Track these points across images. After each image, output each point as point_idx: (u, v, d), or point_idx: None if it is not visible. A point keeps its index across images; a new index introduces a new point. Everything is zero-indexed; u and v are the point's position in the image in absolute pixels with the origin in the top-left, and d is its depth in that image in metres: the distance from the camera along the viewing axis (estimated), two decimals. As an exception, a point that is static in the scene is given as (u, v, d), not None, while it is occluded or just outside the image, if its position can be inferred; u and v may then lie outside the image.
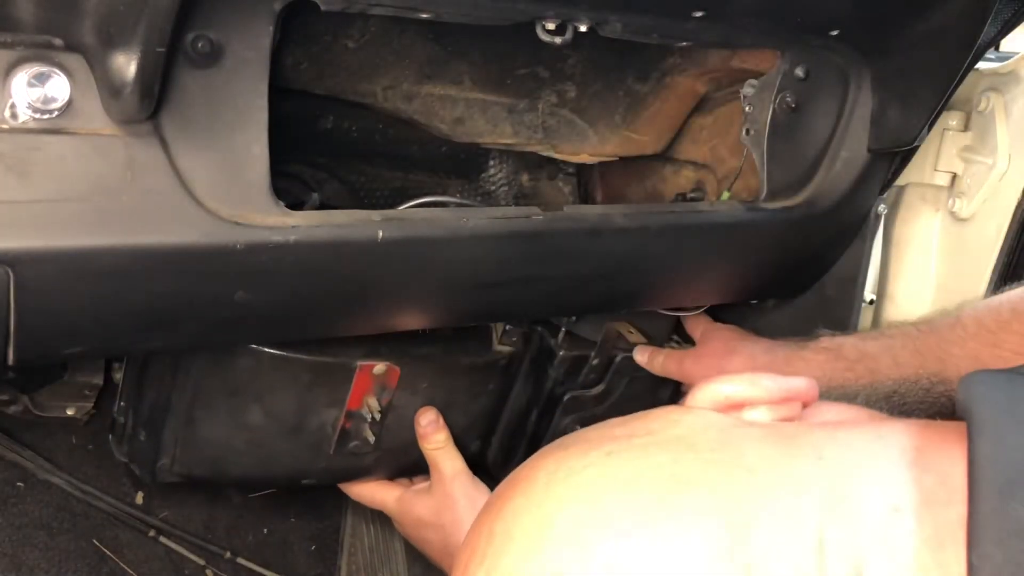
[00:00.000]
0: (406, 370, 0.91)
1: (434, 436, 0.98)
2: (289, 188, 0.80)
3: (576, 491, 0.37)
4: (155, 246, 0.59)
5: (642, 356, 1.02)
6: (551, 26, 0.67)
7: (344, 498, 1.12)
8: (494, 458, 1.08)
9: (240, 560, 1.07)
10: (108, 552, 1.01)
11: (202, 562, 1.06)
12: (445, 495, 0.98)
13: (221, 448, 0.90)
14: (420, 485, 1.02)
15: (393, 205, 0.75)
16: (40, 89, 0.54)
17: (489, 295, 0.80)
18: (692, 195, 0.95)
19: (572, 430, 1.04)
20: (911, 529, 0.31)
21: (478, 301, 0.81)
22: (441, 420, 0.99)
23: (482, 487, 0.99)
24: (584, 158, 0.91)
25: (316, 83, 0.75)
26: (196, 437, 0.89)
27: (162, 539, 1.05)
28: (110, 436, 0.96)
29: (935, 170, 0.92)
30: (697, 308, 1.01)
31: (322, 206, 0.76)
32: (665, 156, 0.97)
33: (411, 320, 0.81)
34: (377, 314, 0.78)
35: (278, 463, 0.94)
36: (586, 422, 1.06)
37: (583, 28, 0.68)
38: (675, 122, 0.92)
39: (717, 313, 1.03)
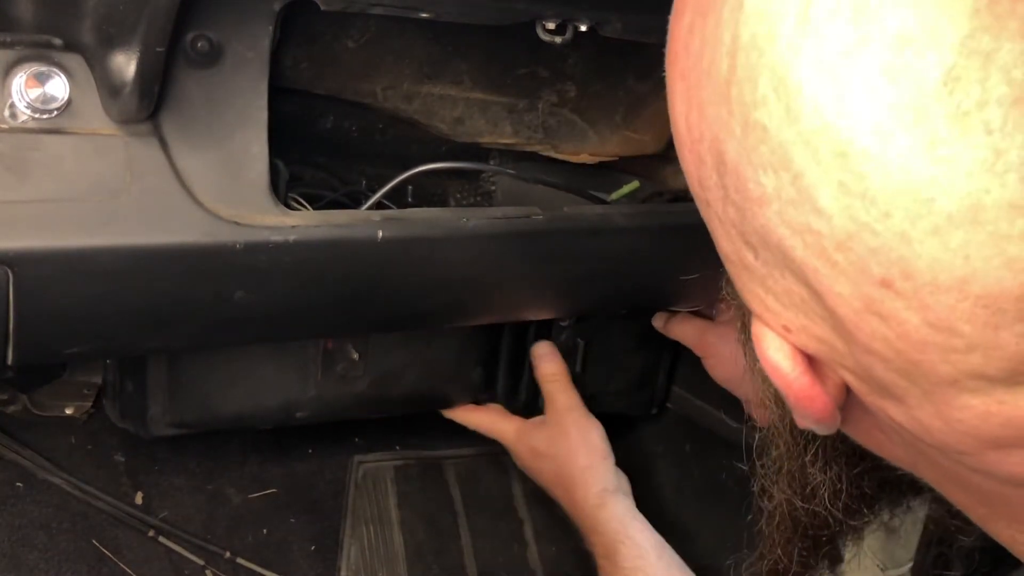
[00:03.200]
0: None
1: (548, 367, 1.06)
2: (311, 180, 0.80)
3: None
4: (154, 246, 0.59)
5: (659, 321, 1.07)
6: (551, 26, 0.67)
7: (344, 498, 1.13)
8: (503, 388, 1.10)
9: (240, 560, 1.07)
10: (107, 552, 1.01)
11: (201, 562, 1.06)
12: (559, 426, 1.04)
13: (207, 385, 0.90)
14: (537, 419, 1.08)
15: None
16: (39, 89, 0.54)
17: (489, 295, 0.80)
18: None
19: (572, 344, 1.10)
20: None
21: (478, 301, 0.81)
22: (556, 353, 1.07)
23: (595, 421, 1.05)
24: (584, 158, 0.91)
25: (316, 83, 0.75)
26: (180, 378, 0.89)
27: (161, 539, 1.05)
28: (104, 402, 0.96)
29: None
30: (695, 307, 1.02)
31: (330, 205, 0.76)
32: (665, 156, 0.97)
33: (411, 320, 0.81)
34: (377, 314, 0.77)
35: (267, 394, 0.94)
36: (585, 334, 1.11)
37: (583, 28, 0.68)
38: (675, 122, 0.91)
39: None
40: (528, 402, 1.11)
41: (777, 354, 0.34)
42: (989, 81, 0.25)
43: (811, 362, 0.34)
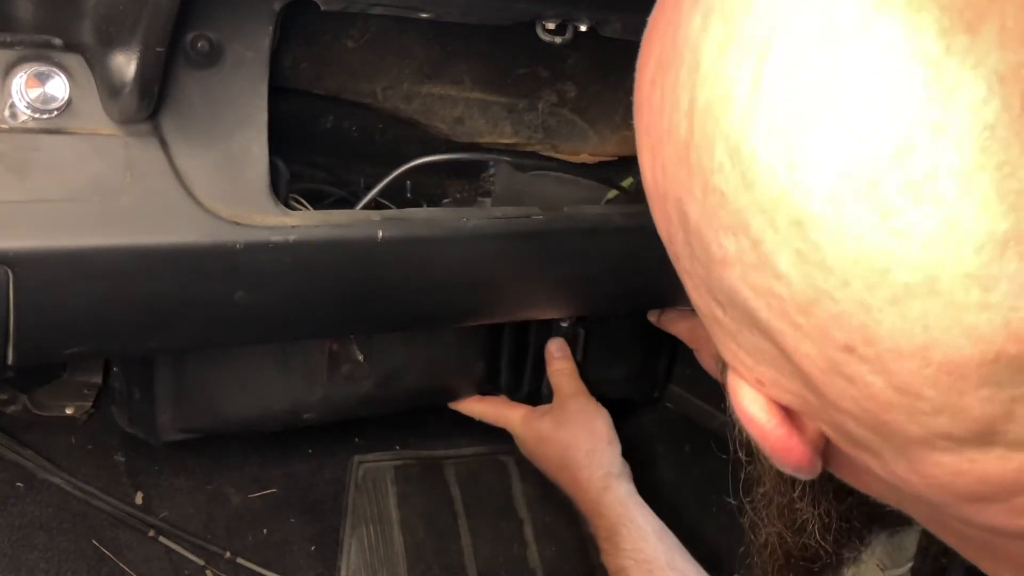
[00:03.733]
0: None
1: (559, 362, 1.11)
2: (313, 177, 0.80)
3: None
4: (154, 246, 0.59)
5: (653, 316, 1.11)
6: (551, 26, 0.67)
7: (344, 498, 1.13)
8: (506, 380, 1.12)
9: (240, 560, 1.07)
10: (107, 552, 1.01)
11: (201, 562, 1.06)
12: (565, 411, 1.08)
13: (214, 391, 0.91)
14: (543, 406, 1.11)
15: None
16: (39, 89, 0.54)
17: (489, 295, 0.80)
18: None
19: (573, 333, 1.12)
20: None
21: (478, 301, 0.81)
22: (568, 349, 1.12)
23: (600, 407, 1.09)
24: (584, 158, 0.91)
25: (316, 83, 0.75)
26: (187, 384, 0.89)
27: (161, 539, 1.05)
28: (112, 408, 0.97)
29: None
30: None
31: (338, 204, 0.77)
32: (665, 156, 0.96)
33: (411, 320, 0.81)
34: (377, 314, 0.77)
35: (274, 398, 0.94)
36: (585, 323, 1.14)
37: (583, 28, 0.68)
38: (675, 122, 0.91)
39: None
40: (531, 393, 1.13)
41: (752, 406, 0.34)
42: (940, 152, 0.25)
43: (788, 412, 0.34)
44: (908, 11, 0.25)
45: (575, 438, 1.05)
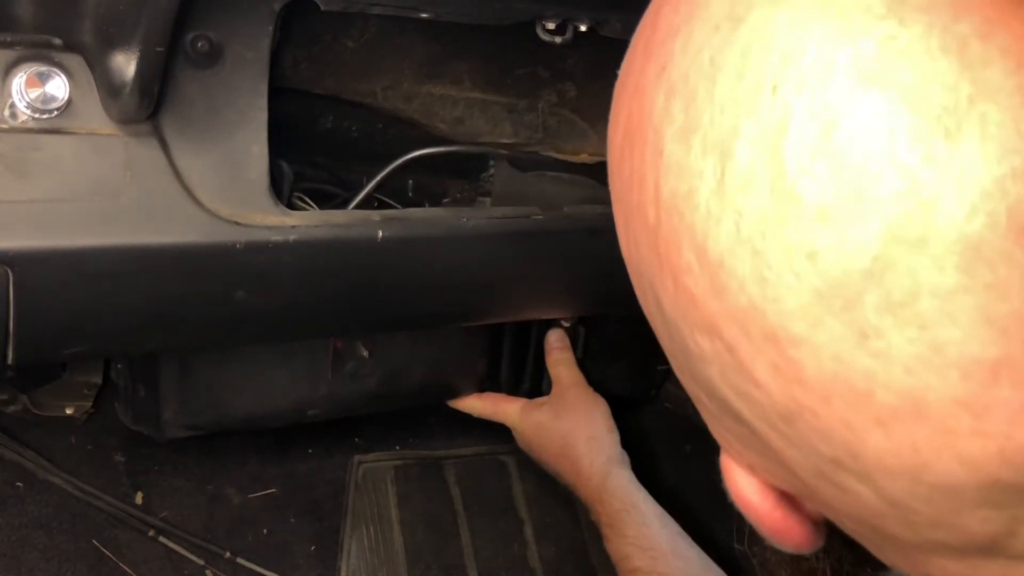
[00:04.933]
0: None
1: (558, 352, 1.11)
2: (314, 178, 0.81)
3: None
4: (154, 246, 0.59)
5: None
6: (551, 26, 0.67)
7: (344, 498, 1.12)
8: (507, 378, 1.12)
9: (240, 560, 1.07)
10: (107, 552, 1.01)
11: (201, 562, 1.06)
12: (564, 400, 1.08)
13: (219, 388, 0.91)
14: (541, 398, 1.11)
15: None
16: (39, 89, 0.54)
17: (489, 295, 0.79)
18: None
19: (574, 331, 1.12)
20: None
21: (478, 301, 0.81)
22: (567, 340, 1.12)
23: (599, 396, 1.09)
24: (584, 158, 0.91)
25: (316, 83, 0.75)
26: (192, 381, 0.90)
27: (161, 539, 1.05)
28: (116, 405, 0.97)
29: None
30: None
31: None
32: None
33: (411, 320, 0.81)
34: (377, 314, 0.77)
35: (279, 394, 0.95)
36: (586, 320, 1.15)
37: (583, 28, 0.68)
38: (675, 122, 0.91)
39: None
40: (532, 391, 1.14)
41: (746, 489, 0.32)
42: (921, 271, 0.22)
43: (784, 492, 0.32)
44: (880, 115, 0.23)
45: (575, 427, 1.05)
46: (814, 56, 0.24)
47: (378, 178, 0.72)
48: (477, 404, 1.12)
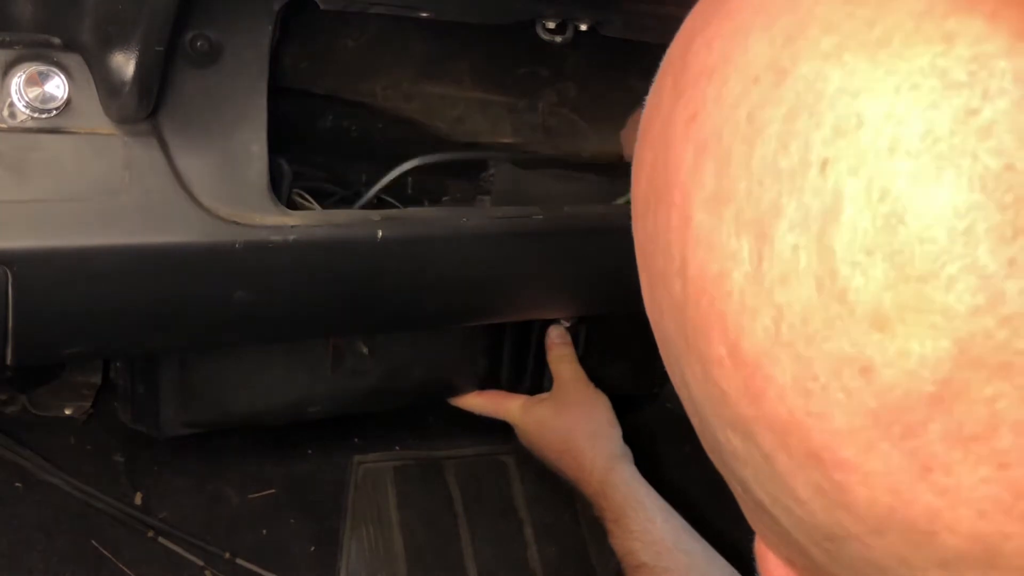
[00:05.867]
0: None
1: (559, 349, 1.11)
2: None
3: None
4: (154, 246, 0.59)
5: None
6: (551, 25, 0.67)
7: (344, 498, 1.12)
8: (508, 375, 1.12)
9: (239, 561, 1.06)
10: (107, 553, 1.01)
11: (201, 563, 1.06)
12: (565, 396, 1.07)
13: (218, 386, 0.91)
14: (542, 394, 1.10)
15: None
16: (38, 88, 0.54)
17: (489, 295, 0.79)
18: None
19: (574, 329, 1.11)
20: None
21: (478, 301, 0.81)
22: (567, 336, 1.12)
23: (600, 392, 1.08)
24: (584, 158, 0.91)
25: (315, 82, 0.75)
26: (192, 379, 0.90)
27: (161, 540, 1.04)
28: (115, 403, 0.97)
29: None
30: None
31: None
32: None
33: (411, 320, 0.81)
34: (377, 314, 0.77)
35: (279, 392, 0.95)
36: (586, 318, 1.14)
37: (584, 27, 0.68)
38: (676, 121, 0.91)
39: None
40: (533, 388, 1.14)
41: None
42: (998, 401, 0.19)
43: None
44: (955, 209, 0.19)
45: (576, 422, 1.05)
46: (874, 129, 0.19)
47: (379, 185, 0.72)
48: (478, 401, 1.12)
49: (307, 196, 0.70)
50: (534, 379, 1.14)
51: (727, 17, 0.24)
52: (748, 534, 0.31)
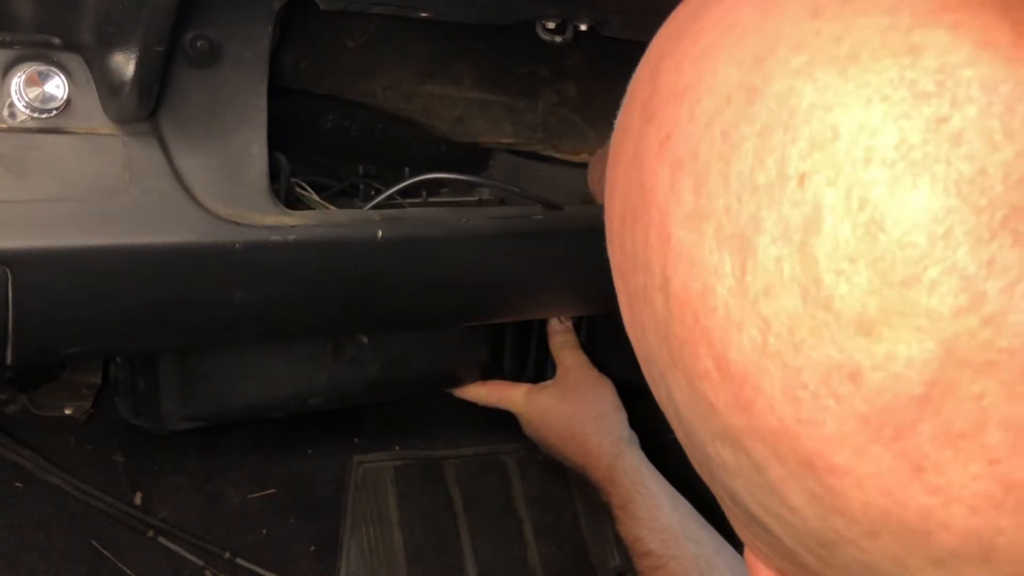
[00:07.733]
0: None
1: (562, 336, 1.11)
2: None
3: None
4: (154, 246, 0.59)
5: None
6: (551, 25, 0.67)
7: (344, 498, 1.12)
8: (510, 365, 1.13)
9: (239, 560, 1.07)
10: (107, 552, 1.01)
11: (201, 562, 1.06)
12: (569, 381, 1.07)
13: (219, 379, 0.91)
14: (546, 381, 1.10)
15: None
16: (38, 88, 0.54)
17: (489, 295, 0.79)
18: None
19: (577, 316, 1.11)
20: None
21: (478, 301, 0.81)
22: (569, 322, 1.12)
23: (604, 377, 1.08)
24: (584, 158, 0.91)
25: (315, 82, 0.75)
26: (192, 372, 0.90)
27: (161, 539, 1.04)
28: (116, 399, 0.97)
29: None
30: None
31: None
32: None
33: (411, 320, 0.81)
34: (377, 314, 0.77)
35: (279, 383, 0.95)
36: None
37: (583, 27, 0.68)
38: (676, 121, 0.91)
39: None
40: (535, 378, 1.14)
41: None
42: (987, 398, 0.19)
43: None
44: (933, 213, 0.19)
45: (581, 407, 1.04)
46: (849, 141, 0.20)
47: (382, 196, 0.72)
48: (480, 392, 1.11)
49: (306, 186, 0.70)
50: (537, 368, 1.14)
51: (694, 39, 0.24)
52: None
